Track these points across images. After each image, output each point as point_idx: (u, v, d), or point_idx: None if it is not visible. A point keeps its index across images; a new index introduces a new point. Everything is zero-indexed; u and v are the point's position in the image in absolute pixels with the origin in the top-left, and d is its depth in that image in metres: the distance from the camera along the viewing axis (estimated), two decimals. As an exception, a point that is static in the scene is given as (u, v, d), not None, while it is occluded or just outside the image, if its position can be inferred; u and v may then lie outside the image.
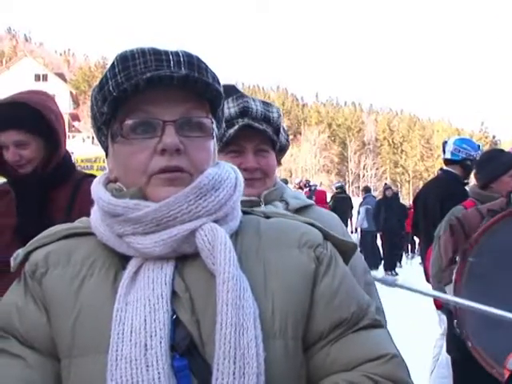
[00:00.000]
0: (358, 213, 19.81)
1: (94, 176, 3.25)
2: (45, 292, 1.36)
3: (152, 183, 1.35)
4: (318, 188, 22.71)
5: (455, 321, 3.39)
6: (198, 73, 1.36)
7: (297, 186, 22.06)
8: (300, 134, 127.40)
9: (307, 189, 20.51)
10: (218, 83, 1.42)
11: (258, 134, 2.35)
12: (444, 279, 3.77)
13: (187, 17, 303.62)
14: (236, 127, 2.31)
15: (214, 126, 1.42)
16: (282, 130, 2.51)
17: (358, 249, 1.62)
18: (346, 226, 16.97)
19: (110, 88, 1.35)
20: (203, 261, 1.33)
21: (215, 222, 1.35)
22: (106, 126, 1.41)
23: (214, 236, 1.31)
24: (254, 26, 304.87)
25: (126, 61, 1.36)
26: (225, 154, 2.31)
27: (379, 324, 1.43)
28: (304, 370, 1.35)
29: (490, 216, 3.59)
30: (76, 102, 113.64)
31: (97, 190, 1.43)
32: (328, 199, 20.85)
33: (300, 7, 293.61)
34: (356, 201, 23.92)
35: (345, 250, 1.52)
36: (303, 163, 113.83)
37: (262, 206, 2.34)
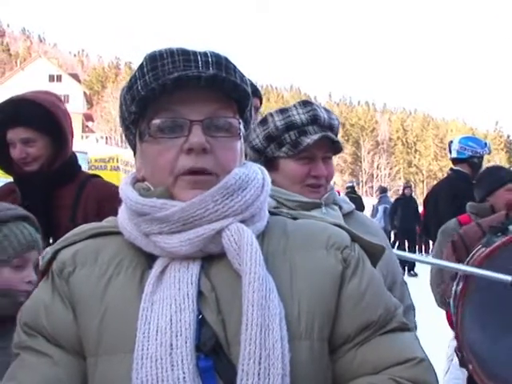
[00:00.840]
0: (377, 211, 19.75)
1: (98, 176, 3.30)
2: (72, 291, 1.37)
3: (178, 185, 1.35)
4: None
5: (455, 346, 3.47)
6: (226, 73, 1.37)
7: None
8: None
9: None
10: (247, 84, 1.42)
11: (327, 142, 2.47)
12: (447, 293, 3.82)
13: (200, 16, 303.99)
14: (316, 137, 2.41)
15: (242, 126, 1.41)
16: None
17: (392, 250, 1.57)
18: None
19: (139, 87, 1.37)
20: (229, 261, 1.33)
21: (242, 222, 1.35)
22: (134, 126, 1.42)
23: (240, 236, 1.31)
24: (268, 26, 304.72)
25: (154, 61, 1.37)
26: (296, 160, 2.45)
27: (407, 327, 1.42)
28: (330, 372, 1.34)
29: (491, 233, 3.64)
30: (90, 102, 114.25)
31: (125, 189, 1.43)
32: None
33: (314, 6, 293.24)
34: (370, 201, 23.85)
35: (373, 252, 1.51)
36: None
37: (323, 208, 2.47)
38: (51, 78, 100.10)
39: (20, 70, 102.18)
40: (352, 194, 20.34)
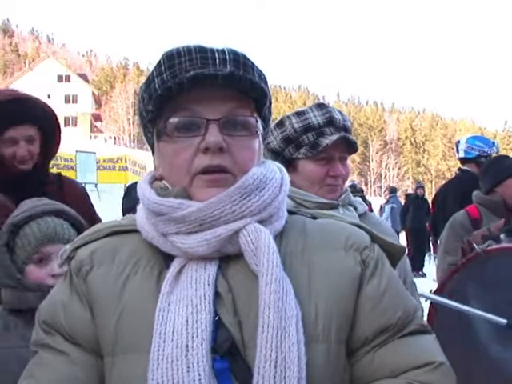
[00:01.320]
0: (383, 211, 19.68)
1: (63, 175, 3.34)
2: (89, 289, 1.37)
3: (195, 184, 1.34)
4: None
5: None
6: (244, 71, 1.35)
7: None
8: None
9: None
10: (265, 82, 1.41)
11: (343, 142, 2.53)
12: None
13: (208, 15, 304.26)
14: (334, 138, 2.47)
15: (259, 124, 1.40)
16: None
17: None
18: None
19: (156, 86, 1.36)
20: (246, 261, 1.32)
21: (260, 222, 1.34)
22: (151, 124, 1.42)
23: (257, 237, 1.30)
24: (275, 27, 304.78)
25: (171, 59, 1.36)
26: (314, 161, 2.52)
27: (426, 329, 1.40)
28: (347, 375, 1.33)
29: (484, 240, 3.63)
30: (98, 102, 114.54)
31: (143, 188, 1.43)
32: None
33: (323, 6, 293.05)
34: (378, 201, 23.77)
35: (393, 253, 1.49)
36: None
37: (340, 209, 2.54)
38: (60, 79, 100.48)
39: (29, 71, 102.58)
40: (354, 192, 20.30)
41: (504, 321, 3.03)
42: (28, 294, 2.16)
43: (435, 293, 3.38)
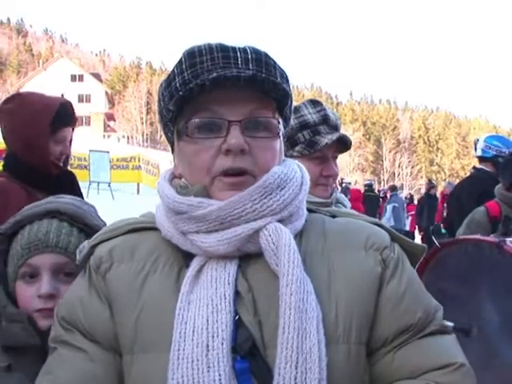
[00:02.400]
0: (385, 210, 19.60)
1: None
2: (108, 287, 1.36)
3: (215, 185, 1.33)
4: (353, 187, 22.61)
5: None
6: (266, 70, 1.34)
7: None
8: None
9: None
10: (287, 81, 1.40)
11: (336, 142, 2.52)
12: None
13: (219, 13, 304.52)
14: (334, 138, 2.46)
15: (281, 125, 1.39)
16: None
17: None
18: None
19: (177, 85, 1.35)
20: (266, 261, 1.31)
21: (280, 221, 1.33)
22: (172, 123, 1.41)
23: (278, 236, 1.29)
24: (287, 25, 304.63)
25: (193, 57, 1.35)
26: (309, 160, 2.47)
27: (447, 330, 1.38)
28: (367, 375, 1.32)
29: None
30: (111, 101, 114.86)
31: (162, 186, 1.42)
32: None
33: (336, 4, 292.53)
34: (390, 200, 23.72)
35: (413, 253, 1.48)
36: (338, 162, 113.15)
37: (333, 207, 2.49)
38: (73, 78, 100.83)
39: (42, 70, 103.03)
40: (370, 192, 20.25)
41: (450, 324, 3.07)
42: (12, 326, 1.69)
43: None
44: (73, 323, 1.37)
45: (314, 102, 2.57)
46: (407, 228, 19.06)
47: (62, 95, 3.47)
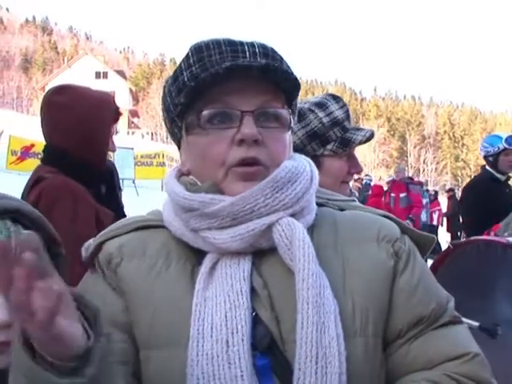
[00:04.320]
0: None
1: None
2: (121, 282, 1.36)
3: (229, 177, 1.32)
4: (376, 182, 22.43)
5: None
6: (275, 63, 1.34)
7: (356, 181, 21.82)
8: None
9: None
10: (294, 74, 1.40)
11: None
12: None
13: (232, 10, 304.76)
14: (368, 134, 2.38)
15: (291, 117, 1.39)
16: None
17: None
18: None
19: (185, 79, 1.35)
20: (280, 256, 1.30)
21: (292, 215, 1.32)
22: (180, 118, 1.39)
23: (291, 231, 1.28)
24: (314, 21, 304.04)
25: (200, 52, 1.35)
26: (339, 158, 2.38)
27: (459, 320, 1.39)
28: (384, 368, 1.32)
29: None
30: (135, 98, 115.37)
31: (171, 184, 1.41)
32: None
33: (359, 1, 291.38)
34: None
35: (423, 244, 1.48)
36: (362, 158, 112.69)
37: None
38: (97, 75, 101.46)
39: (67, 68, 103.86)
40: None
41: (476, 324, 3.02)
42: None
43: None
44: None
45: (335, 97, 2.46)
46: (434, 223, 19.00)
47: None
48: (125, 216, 2.99)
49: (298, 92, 1.41)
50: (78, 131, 2.84)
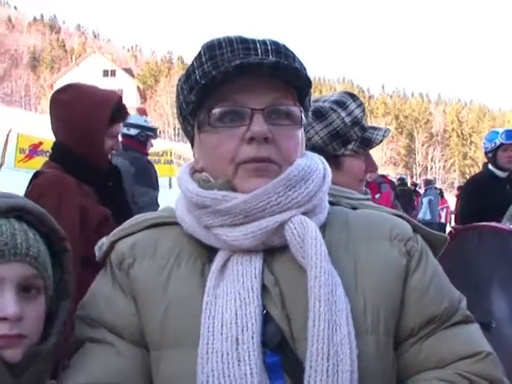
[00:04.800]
0: (421, 204, 19.47)
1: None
2: (133, 283, 1.36)
3: (240, 174, 1.32)
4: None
5: None
6: (286, 61, 1.34)
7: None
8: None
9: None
10: (306, 71, 1.39)
11: None
12: None
13: (247, 7, 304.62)
14: (387, 134, 2.38)
15: (303, 114, 1.38)
16: None
17: None
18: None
19: (197, 77, 1.35)
20: (292, 254, 1.30)
21: (304, 214, 1.32)
22: (192, 116, 1.40)
23: (303, 229, 1.28)
24: (321, 19, 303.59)
25: (212, 50, 1.35)
26: (358, 158, 2.35)
27: (471, 320, 1.39)
28: (395, 366, 1.32)
29: None
30: (143, 96, 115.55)
31: (184, 180, 1.41)
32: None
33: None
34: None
35: (434, 243, 1.48)
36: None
37: None
38: (105, 73, 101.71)
39: (75, 66, 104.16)
40: (403, 186, 20.09)
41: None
42: None
43: None
44: (98, 320, 1.36)
45: (352, 95, 2.40)
46: (442, 220, 19.03)
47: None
48: (131, 213, 3.04)
49: (309, 89, 1.40)
50: (75, 127, 2.92)
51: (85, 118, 2.90)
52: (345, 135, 2.29)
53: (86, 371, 1.31)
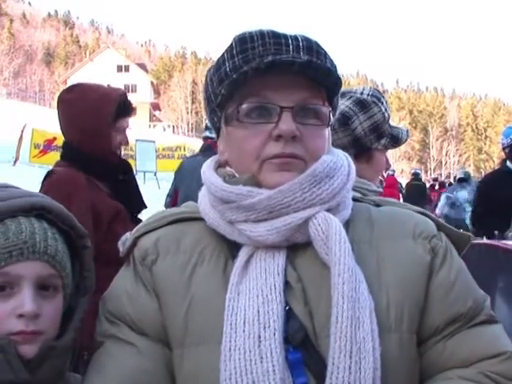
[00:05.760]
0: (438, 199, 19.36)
1: None
2: (156, 279, 1.36)
3: (265, 168, 1.32)
4: (392, 174, 22.41)
5: None
6: (318, 59, 1.33)
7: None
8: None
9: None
10: (336, 71, 1.38)
11: None
12: None
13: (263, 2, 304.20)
14: (408, 131, 2.48)
15: (331, 114, 1.38)
16: None
17: None
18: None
19: (227, 69, 1.34)
20: (315, 250, 1.29)
21: (328, 210, 1.31)
22: (220, 108, 1.39)
23: (327, 225, 1.28)
24: (335, 12, 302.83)
25: (244, 43, 1.34)
26: (383, 152, 2.43)
27: (494, 320, 1.37)
28: (418, 364, 1.31)
29: None
30: (157, 91, 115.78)
31: (208, 175, 1.41)
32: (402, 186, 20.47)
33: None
34: (438, 188, 23.43)
35: (458, 242, 1.46)
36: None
37: None
38: (119, 69, 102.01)
39: (89, 61, 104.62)
40: (416, 181, 19.98)
41: None
42: None
43: None
44: (119, 316, 1.36)
45: (378, 91, 2.43)
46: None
47: (108, 85, 3.54)
48: (145, 207, 3.19)
49: (339, 88, 1.39)
50: (80, 125, 2.99)
51: (88, 115, 2.97)
52: (381, 129, 2.33)
53: (104, 374, 1.30)
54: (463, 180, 14.72)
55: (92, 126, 2.97)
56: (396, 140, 2.38)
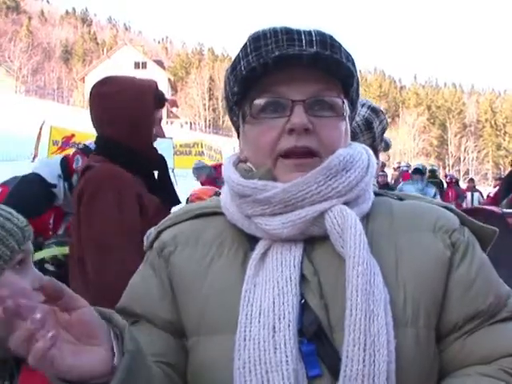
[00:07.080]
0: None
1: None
2: (172, 270, 1.38)
3: (278, 167, 1.33)
4: (407, 170, 22.32)
5: None
6: (331, 51, 1.33)
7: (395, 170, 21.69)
8: (398, 116, 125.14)
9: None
10: (352, 63, 1.38)
11: None
12: None
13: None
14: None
15: (346, 106, 1.38)
16: None
17: None
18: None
19: (242, 68, 1.35)
20: (332, 244, 1.30)
21: (346, 204, 1.32)
22: (237, 107, 1.41)
23: (343, 219, 1.28)
24: (352, 9, 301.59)
25: (257, 41, 1.35)
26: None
27: None
28: (437, 361, 1.30)
29: None
30: (174, 88, 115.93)
31: (227, 169, 1.42)
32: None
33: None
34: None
35: (484, 237, 1.44)
36: (401, 146, 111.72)
37: None
38: (137, 65, 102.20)
39: (107, 58, 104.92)
40: (433, 178, 19.86)
41: None
42: None
43: None
44: (132, 314, 1.38)
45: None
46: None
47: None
48: (179, 202, 3.13)
49: (352, 80, 1.39)
50: (121, 119, 2.90)
51: (131, 107, 2.89)
52: (384, 134, 2.58)
53: None
54: (419, 172, 14.91)
55: (135, 117, 2.90)
56: (387, 145, 2.60)
